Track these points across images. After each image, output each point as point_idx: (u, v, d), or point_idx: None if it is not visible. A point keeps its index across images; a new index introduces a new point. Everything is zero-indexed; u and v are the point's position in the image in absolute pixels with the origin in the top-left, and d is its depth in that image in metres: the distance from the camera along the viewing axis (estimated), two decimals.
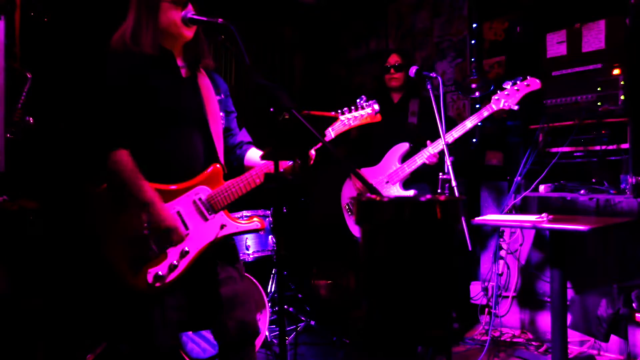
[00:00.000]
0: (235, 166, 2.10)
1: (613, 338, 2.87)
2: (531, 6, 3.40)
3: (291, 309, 3.60)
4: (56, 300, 2.84)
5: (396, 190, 3.16)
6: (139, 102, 1.78)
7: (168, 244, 1.80)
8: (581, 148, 3.01)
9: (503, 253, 3.48)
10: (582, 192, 2.97)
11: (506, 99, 2.85)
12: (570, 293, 3.05)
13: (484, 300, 3.50)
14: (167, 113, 1.83)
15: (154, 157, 1.81)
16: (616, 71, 2.82)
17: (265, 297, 3.02)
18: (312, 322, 3.54)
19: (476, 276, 3.75)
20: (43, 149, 3.03)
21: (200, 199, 1.87)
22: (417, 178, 3.18)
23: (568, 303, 2.76)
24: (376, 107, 2.10)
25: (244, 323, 1.92)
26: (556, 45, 3.09)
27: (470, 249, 2.53)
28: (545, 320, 3.35)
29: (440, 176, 2.56)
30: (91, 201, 1.80)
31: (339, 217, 3.43)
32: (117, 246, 1.78)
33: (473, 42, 3.88)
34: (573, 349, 3.05)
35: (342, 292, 4.35)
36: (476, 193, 3.72)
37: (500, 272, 3.46)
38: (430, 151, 3.00)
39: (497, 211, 3.56)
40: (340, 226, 3.41)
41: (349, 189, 3.42)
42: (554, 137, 3.11)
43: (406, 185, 3.18)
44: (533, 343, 3.27)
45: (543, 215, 2.58)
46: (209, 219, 1.89)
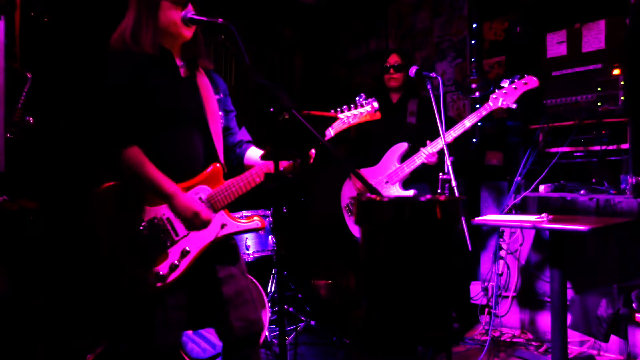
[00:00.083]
0: (235, 165, 2.09)
1: (613, 338, 2.87)
2: (531, 6, 3.40)
3: (291, 309, 3.60)
4: (56, 300, 2.84)
5: (396, 190, 3.16)
6: (139, 102, 1.78)
7: (195, 229, 1.83)
8: (581, 148, 3.01)
9: (503, 253, 3.48)
10: (582, 192, 2.97)
11: (504, 98, 2.85)
12: (570, 293, 3.05)
13: (484, 300, 3.50)
14: (167, 113, 1.83)
15: (154, 157, 1.80)
16: (616, 71, 2.82)
17: (265, 297, 3.02)
18: (312, 322, 3.54)
19: (476, 276, 3.75)
20: (43, 149, 3.03)
21: (200, 199, 1.87)
22: (417, 178, 3.18)
23: (568, 303, 2.76)
24: (375, 105, 2.10)
25: (248, 321, 1.91)
26: (556, 45, 3.09)
27: (470, 249, 2.53)
28: (545, 320, 3.35)
29: (440, 176, 2.56)
30: (91, 201, 1.80)
31: (339, 217, 3.43)
32: (118, 246, 1.78)
33: (473, 42, 3.88)
34: (573, 349, 3.05)
35: (342, 292, 4.35)
36: (476, 193, 3.72)
37: (500, 272, 3.46)
38: (429, 150, 3.00)
39: (497, 211, 3.56)
40: (340, 226, 3.41)
41: (349, 189, 3.42)
42: (554, 137, 3.11)
43: (406, 185, 3.18)
44: (533, 343, 3.27)
45: (543, 215, 2.58)
46: (209, 224, 1.88)
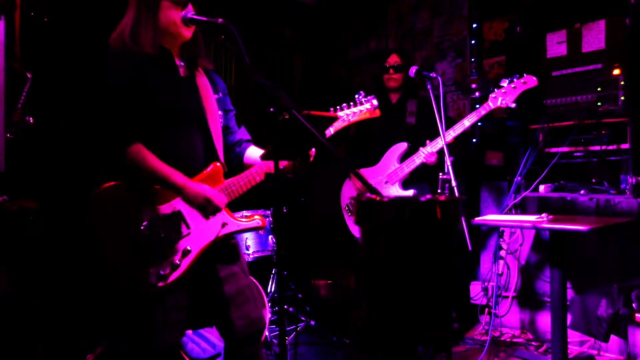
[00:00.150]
0: (235, 164, 2.10)
1: (613, 338, 2.87)
2: (531, 6, 3.40)
3: (291, 309, 3.60)
4: (56, 300, 2.84)
5: (395, 190, 3.16)
6: (140, 102, 1.78)
7: (209, 215, 1.86)
8: (581, 148, 3.01)
9: (503, 253, 3.48)
10: (582, 192, 2.97)
11: (503, 97, 2.86)
12: (570, 293, 3.05)
13: (484, 300, 3.50)
14: (167, 113, 1.83)
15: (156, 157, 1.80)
16: (616, 71, 2.82)
17: (265, 297, 3.02)
18: (312, 322, 3.54)
19: (476, 276, 3.75)
20: (43, 149, 3.03)
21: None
22: (417, 178, 3.18)
23: (568, 303, 2.76)
24: (375, 103, 2.10)
25: (250, 319, 1.92)
26: (556, 45, 3.09)
27: (470, 249, 2.53)
28: (545, 320, 3.35)
29: (440, 176, 2.56)
30: (91, 201, 1.80)
31: (339, 217, 3.43)
32: (118, 246, 1.78)
33: (473, 42, 3.88)
34: (573, 349, 3.05)
35: (342, 292, 4.35)
36: (476, 193, 3.72)
37: (500, 272, 3.46)
38: (428, 150, 3.00)
39: (497, 211, 3.56)
40: (340, 226, 3.41)
41: (349, 189, 3.42)
42: (554, 137, 3.11)
43: (406, 185, 3.18)
44: (533, 343, 3.26)
45: (543, 215, 2.58)
46: (211, 218, 1.89)
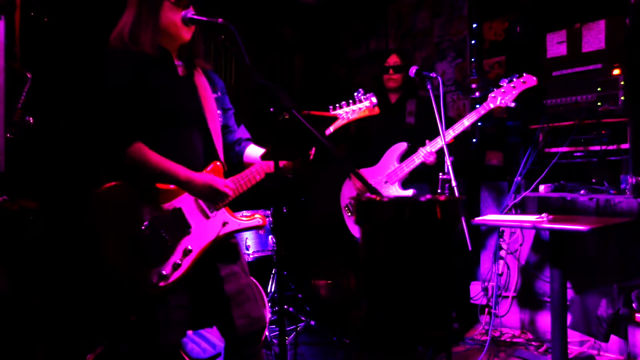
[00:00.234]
0: (234, 163, 2.10)
1: (613, 338, 2.87)
2: (531, 6, 3.40)
3: (291, 309, 3.60)
4: (56, 300, 2.84)
5: (395, 190, 3.16)
6: (140, 102, 1.78)
7: (219, 203, 1.88)
8: (581, 148, 3.01)
9: (503, 253, 3.48)
10: (582, 192, 2.97)
11: (502, 96, 2.87)
12: (570, 293, 3.05)
13: (484, 300, 3.50)
14: (168, 113, 1.83)
15: None
16: (616, 71, 2.82)
17: (265, 297, 3.02)
18: (312, 322, 3.54)
19: (476, 276, 3.75)
20: (43, 149, 3.03)
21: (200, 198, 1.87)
22: (417, 178, 3.18)
23: (568, 303, 2.76)
24: (374, 100, 2.09)
25: (251, 318, 1.92)
26: (556, 45, 3.09)
27: (470, 249, 2.53)
28: (545, 320, 3.35)
29: (440, 176, 2.56)
30: (91, 202, 1.80)
31: (339, 217, 3.43)
32: (119, 246, 1.78)
33: (473, 42, 3.88)
34: (573, 349, 3.05)
35: (342, 292, 4.35)
36: (476, 193, 3.72)
37: (500, 272, 3.46)
38: (427, 150, 3.00)
39: (497, 211, 3.56)
40: (340, 226, 3.41)
41: (349, 189, 3.42)
42: (554, 137, 3.11)
43: (405, 185, 3.18)
44: (533, 343, 3.26)
45: (543, 215, 2.58)
46: (211, 217, 1.89)
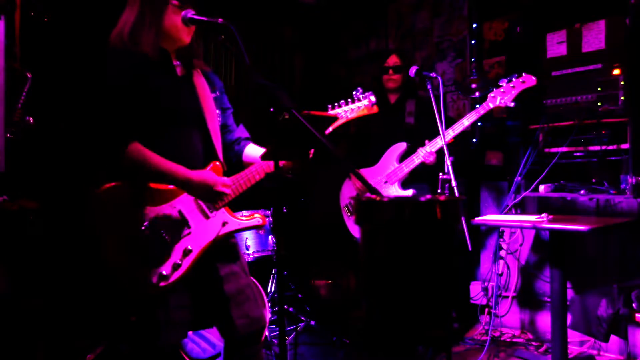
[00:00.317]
0: (234, 162, 2.10)
1: (613, 338, 2.87)
2: (531, 6, 3.40)
3: (291, 309, 3.60)
4: (56, 300, 2.84)
5: (395, 190, 3.16)
6: (140, 102, 1.77)
7: (218, 203, 1.88)
8: (581, 148, 3.01)
9: (503, 253, 3.48)
10: (582, 192, 2.97)
11: (502, 96, 2.87)
12: (570, 293, 3.05)
13: (484, 300, 3.50)
14: (167, 113, 1.83)
15: None
16: (616, 71, 2.82)
17: (265, 297, 3.02)
18: (312, 322, 3.54)
19: (476, 276, 3.75)
20: (43, 149, 3.03)
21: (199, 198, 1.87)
22: (417, 178, 3.18)
23: (568, 303, 2.75)
24: (373, 99, 2.09)
25: (250, 318, 1.92)
26: (556, 45, 3.09)
27: (470, 249, 2.53)
28: (545, 320, 3.35)
29: (440, 176, 2.56)
30: (92, 202, 1.80)
31: (339, 217, 3.43)
32: (119, 247, 1.77)
33: (473, 42, 3.88)
34: (573, 349, 3.05)
35: (342, 292, 4.35)
36: (476, 193, 3.72)
37: (500, 272, 3.46)
38: (427, 150, 3.00)
39: (497, 211, 3.56)
40: (340, 226, 3.41)
41: (349, 189, 3.42)
42: (554, 137, 3.11)
43: (405, 185, 3.18)
44: (533, 343, 3.26)
45: (543, 215, 2.58)
46: (211, 217, 1.89)
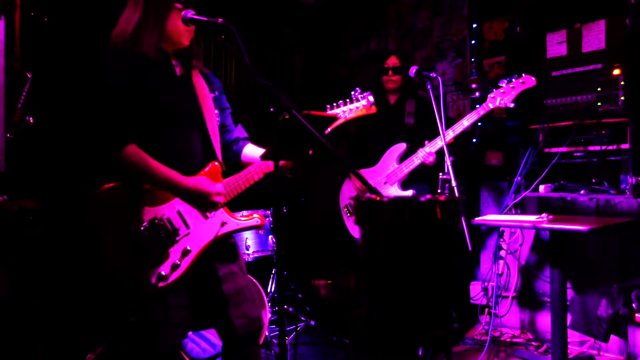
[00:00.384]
0: (232, 162, 2.10)
1: (613, 338, 2.87)
2: (531, 6, 3.40)
3: (291, 309, 3.59)
4: (56, 300, 2.84)
5: (394, 190, 3.16)
6: (140, 103, 1.78)
7: (210, 210, 1.87)
8: (581, 148, 3.01)
9: (503, 253, 3.48)
10: (582, 192, 2.97)
11: (502, 97, 2.87)
12: (570, 293, 3.05)
13: (484, 300, 3.49)
14: (166, 113, 1.83)
15: (154, 157, 1.80)
16: (616, 71, 2.82)
17: (265, 297, 3.02)
18: (312, 322, 3.54)
19: (476, 276, 3.75)
20: (43, 149, 3.03)
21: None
22: (416, 178, 3.18)
23: (568, 303, 2.75)
24: (371, 99, 2.09)
25: (249, 319, 1.91)
26: (556, 45, 3.09)
27: (470, 249, 2.53)
28: (545, 320, 3.35)
29: (440, 176, 2.56)
30: (91, 202, 1.80)
31: (339, 217, 3.43)
32: (118, 247, 1.77)
33: (473, 42, 3.88)
34: (573, 349, 3.05)
35: (342, 292, 4.35)
36: (476, 193, 3.72)
37: (500, 272, 3.46)
38: (427, 150, 3.01)
39: (497, 211, 3.56)
40: (340, 226, 3.41)
41: (348, 190, 3.42)
42: (554, 137, 3.11)
43: (405, 185, 3.18)
44: (533, 343, 3.26)
45: (543, 215, 2.58)
46: (210, 217, 1.89)
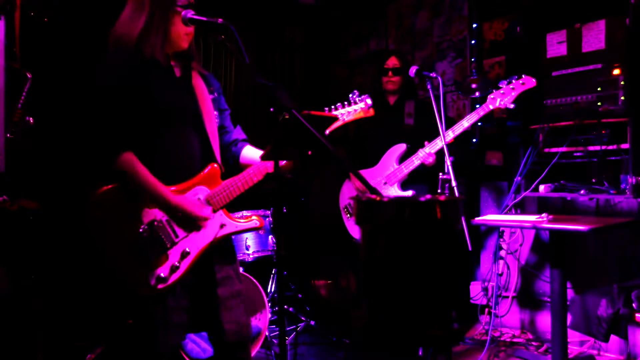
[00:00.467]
0: (231, 164, 2.10)
1: (613, 338, 2.87)
2: (531, 6, 3.40)
3: (291, 309, 3.59)
4: (56, 300, 2.84)
5: (394, 191, 3.16)
6: (140, 104, 1.77)
7: (195, 229, 1.85)
8: (581, 148, 3.01)
9: (503, 253, 3.48)
10: (582, 192, 2.97)
11: (502, 98, 2.87)
12: (570, 293, 3.05)
13: (484, 300, 3.49)
14: (167, 114, 1.83)
15: (153, 159, 1.80)
16: (616, 71, 2.82)
17: (265, 297, 3.02)
18: (312, 322, 3.54)
19: (476, 276, 3.75)
20: (43, 149, 3.03)
21: (199, 199, 1.87)
22: (416, 179, 3.18)
23: (568, 303, 2.75)
24: (369, 102, 2.10)
25: (240, 324, 1.92)
26: (556, 45, 3.09)
27: (470, 249, 2.53)
28: (545, 320, 3.35)
29: (440, 176, 2.57)
30: (90, 204, 1.80)
31: (339, 218, 3.43)
32: (117, 248, 1.77)
33: (473, 42, 3.88)
34: (573, 349, 3.05)
35: (342, 292, 4.35)
36: (476, 193, 3.72)
37: (500, 272, 3.46)
38: (427, 151, 3.01)
39: (497, 211, 3.55)
40: (339, 226, 3.41)
41: (348, 190, 3.41)
42: (554, 137, 3.11)
43: (405, 186, 3.18)
44: (533, 343, 3.26)
45: (543, 215, 2.58)
46: (209, 219, 1.89)
